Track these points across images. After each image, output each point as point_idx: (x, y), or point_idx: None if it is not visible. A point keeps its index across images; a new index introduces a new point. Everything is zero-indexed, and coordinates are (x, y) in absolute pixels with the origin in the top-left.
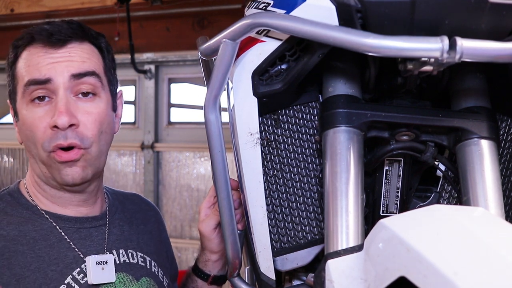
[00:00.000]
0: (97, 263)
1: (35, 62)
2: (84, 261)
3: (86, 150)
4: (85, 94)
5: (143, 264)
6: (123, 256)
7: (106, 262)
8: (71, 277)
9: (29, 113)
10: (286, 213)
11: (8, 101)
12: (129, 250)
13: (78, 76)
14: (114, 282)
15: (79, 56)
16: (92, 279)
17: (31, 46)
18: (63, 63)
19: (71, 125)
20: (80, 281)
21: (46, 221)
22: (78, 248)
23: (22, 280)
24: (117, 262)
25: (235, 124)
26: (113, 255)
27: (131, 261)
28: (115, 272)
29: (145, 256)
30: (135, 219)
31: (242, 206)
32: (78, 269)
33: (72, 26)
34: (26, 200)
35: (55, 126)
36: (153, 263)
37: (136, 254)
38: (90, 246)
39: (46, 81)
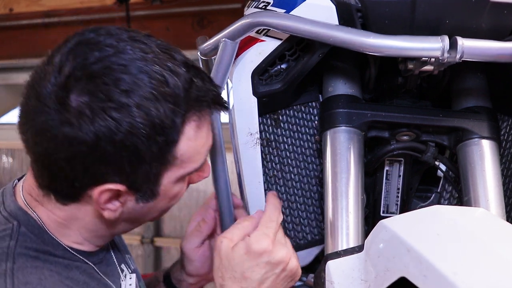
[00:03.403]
0: None
1: (200, 144)
2: None
3: None
4: None
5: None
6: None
7: None
8: None
9: (177, 188)
10: (286, 213)
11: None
12: (128, 256)
13: None
14: None
15: None
16: None
17: (198, 114)
18: None
19: None
20: None
21: (83, 264)
22: (112, 281)
23: None
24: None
25: (235, 124)
26: (129, 271)
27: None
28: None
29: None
30: None
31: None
32: None
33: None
34: (50, 237)
35: None
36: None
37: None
38: (113, 276)
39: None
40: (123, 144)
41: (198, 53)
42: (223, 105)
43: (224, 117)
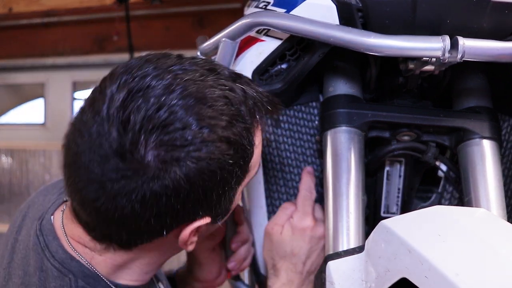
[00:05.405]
0: None
1: (261, 145)
2: None
3: None
4: None
5: None
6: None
7: None
8: None
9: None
10: None
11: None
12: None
13: None
14: None
15: None
16: None
17: (256, 119)
18: None
19: None
20: None
21: None
22: None
23: None
24: None
25: None
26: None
27: None
28: None
29: None
30: None
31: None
32: None
33: None
34: (106, 284)
35: None
36: None
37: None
38: None
39: None
40: (213, 180)
41: (198, 53)
42: (276, 104)
43: None
